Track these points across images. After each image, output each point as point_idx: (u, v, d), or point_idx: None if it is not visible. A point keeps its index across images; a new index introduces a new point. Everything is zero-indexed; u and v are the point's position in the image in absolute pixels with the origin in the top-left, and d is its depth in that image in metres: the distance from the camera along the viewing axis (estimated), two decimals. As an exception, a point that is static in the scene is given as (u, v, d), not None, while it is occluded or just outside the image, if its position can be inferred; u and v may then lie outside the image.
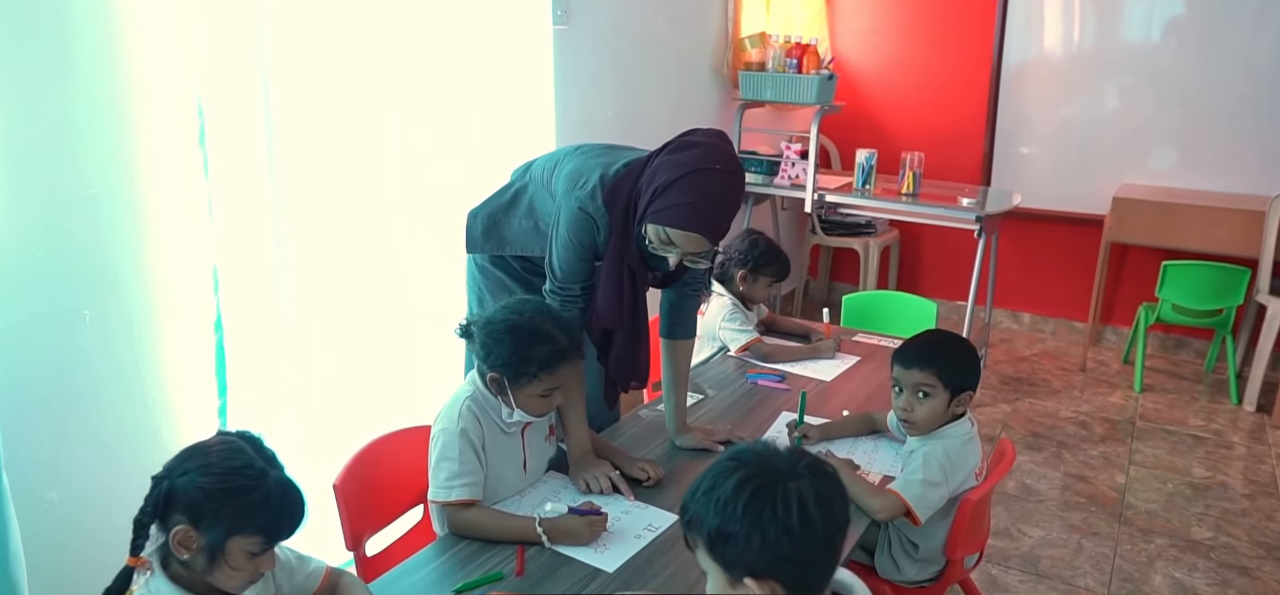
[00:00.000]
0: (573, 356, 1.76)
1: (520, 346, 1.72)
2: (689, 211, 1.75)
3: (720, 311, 2.80)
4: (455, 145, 2.57)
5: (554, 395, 1.79)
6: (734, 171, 1.82)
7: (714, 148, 1.81)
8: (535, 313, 1.76)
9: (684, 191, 1.75)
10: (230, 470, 1.25)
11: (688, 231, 1.76)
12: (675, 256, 1.81)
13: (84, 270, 1.79)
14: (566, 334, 1.76)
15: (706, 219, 1.76)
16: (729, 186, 1.80)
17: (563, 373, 1.75)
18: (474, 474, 1.76)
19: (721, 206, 1.78)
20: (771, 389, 2.52)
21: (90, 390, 1.83)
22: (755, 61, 4.22)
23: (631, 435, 2.20)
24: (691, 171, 1.76)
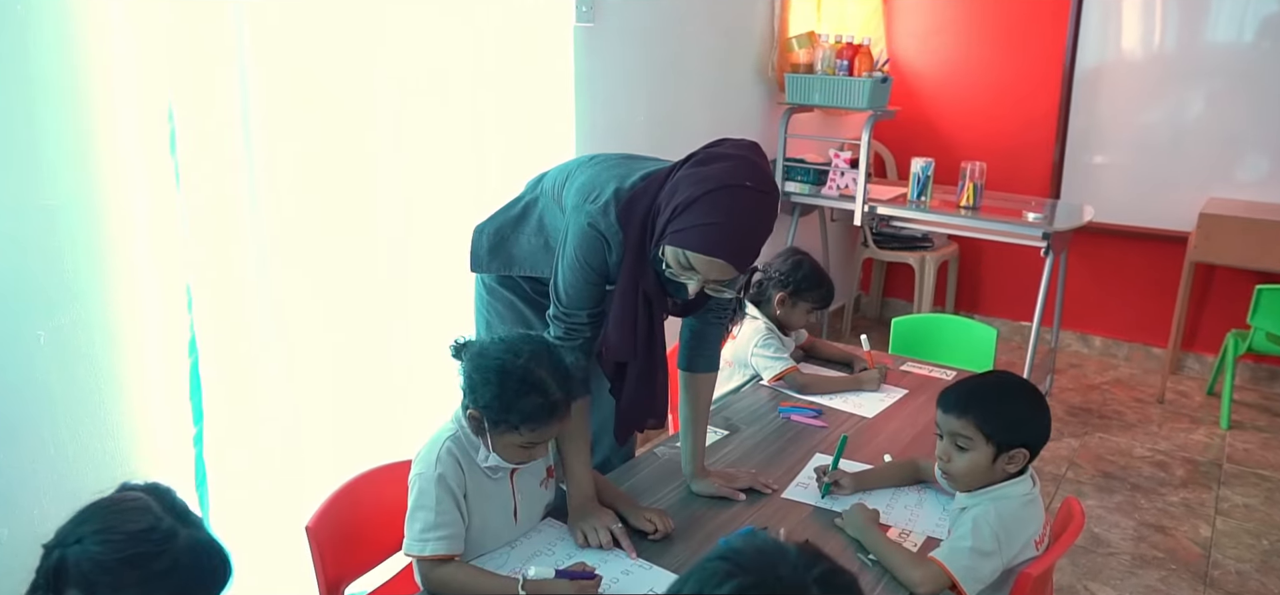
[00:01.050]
0: (564, 413, 1.55)
1: (505, 392, 1.51)
2: (712, 234, 1.53)
3: (753, 336, 2.55)
4: (459, 154, 2.38)
5: (536, 449, 1.59)
6: (767, 190, 1.59)
7: (744, 161, 1.58)
8: (533, 355, 1.54)
9: (708, 211, 1.53)
10: (130, 536, 1.07)
11: (710, 257, 1.54)
12: (696, 283, 1.58)
13: (39, 287, 1.64)
14: (564, 387, 1.55)
15: (732, 244, 1.53)
16: (760, 207, 1.57)
17: (551, 429, 1.55)
18: (452, 526, 1.57)
19: (750, 230, 1.56)
20: (806, 425, 2.27)
21: (46, 419, 1.68)
22: (803, 63, 3.96)
23: (644, 477, 1.98)
24: (717, 188, 1.53)
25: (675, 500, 1.88)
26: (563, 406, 1.54)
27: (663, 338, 1.76)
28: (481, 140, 2.44)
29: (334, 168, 2.08)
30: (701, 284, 1.58)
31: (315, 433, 2.12)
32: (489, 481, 1.64)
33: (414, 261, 2.30)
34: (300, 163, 2.00)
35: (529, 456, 1.60)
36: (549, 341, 1.62)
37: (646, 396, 1.79)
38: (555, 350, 1.59)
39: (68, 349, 1.70)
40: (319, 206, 2.06)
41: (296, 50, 1.94)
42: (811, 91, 3.90)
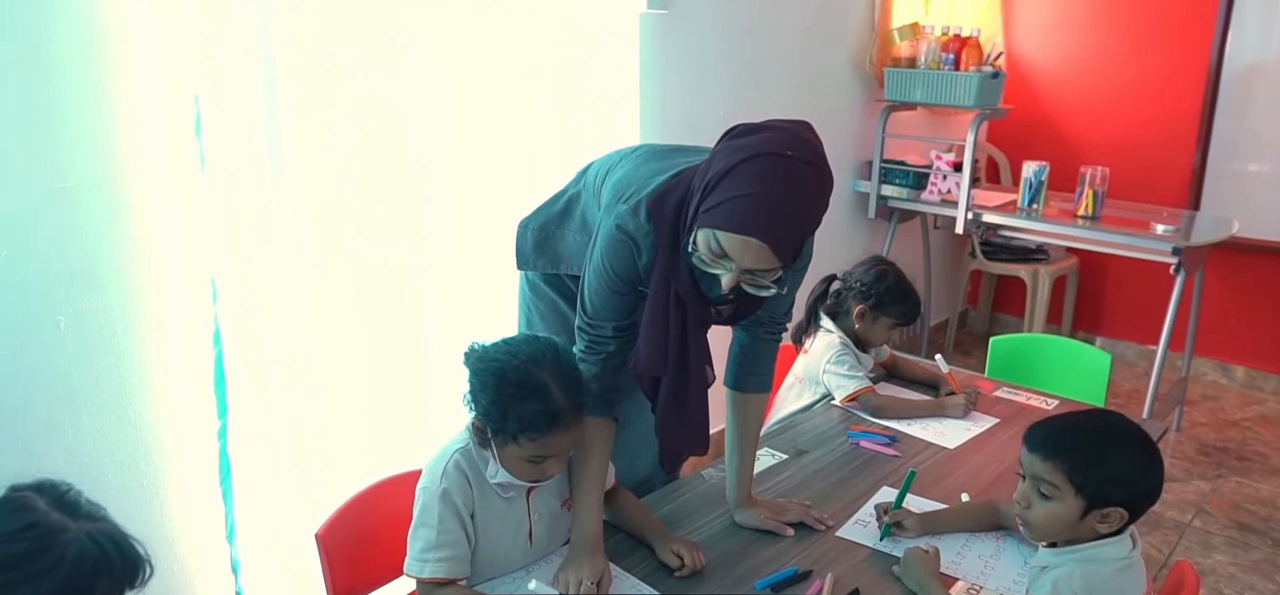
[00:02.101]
0: (569, 422, 1.39)
1: (503, 396, 1.37)
2: (743, 208, 1.30)
3: (827, 351, 2.32)
4: (508, 148, 2.25)
5: (548, 463, 1.43)
6: (812, 161, 1.34)
7: (787, 132, 1.36)
8: (536, 356, 1.40)
9: (739, 182, 1.31)
10: (5, 536, 0.99)
11: (741, 236, 1.31)
12: (729, 276, 1.36)
13: (58, 271, 1.61)
14: (569, 394, 1.39)
15: (766, 219, 1.30)
16: (803, 181, 1.33)
17: (556, 440, 1.39)
18: (455, 546, 1.43)
19: (790, 205, 1.31)
20: (877, 453, 2.03)
21: (66, 408, 1.65)
22: (905, 57, 3.67)
23: (687, 501, 1.80)
24: (751, 157, 1.31)
25: (716, 531, 1.70)
26: (568, 415, 1.38)
27: (702, 351, 1.57)
28: (533, 134, 2.31)
29: (370, 158, 1.98)
30: (736, 276, 1.36)
31: (345, 431, 2.04)
32: (500, 500, 1.50)
33: (457, 258, 2.19)
34: (333, 152, 1.91)
35: (540, 473, 1.44)
36: (557, 344, 1.46)
37: (680, 418, 1.59)
38: (563, 354, 1.44)
39: (89, 335, 1.66)
40: (353, 198, 1.97)
41: (331, 34, 1.86)
42: (913, 87, 3.61)
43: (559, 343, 1.47)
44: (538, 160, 2.29)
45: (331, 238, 1.95)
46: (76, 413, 1.66)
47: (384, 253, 2.04)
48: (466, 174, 2.17)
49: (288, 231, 1.86)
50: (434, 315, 2.17)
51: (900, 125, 3.86)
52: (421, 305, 2.15)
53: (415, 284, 2.12)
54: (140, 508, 1.78)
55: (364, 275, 2.02)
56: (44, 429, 1.63)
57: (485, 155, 2.20)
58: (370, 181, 1.99)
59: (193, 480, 1.84)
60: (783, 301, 1.65)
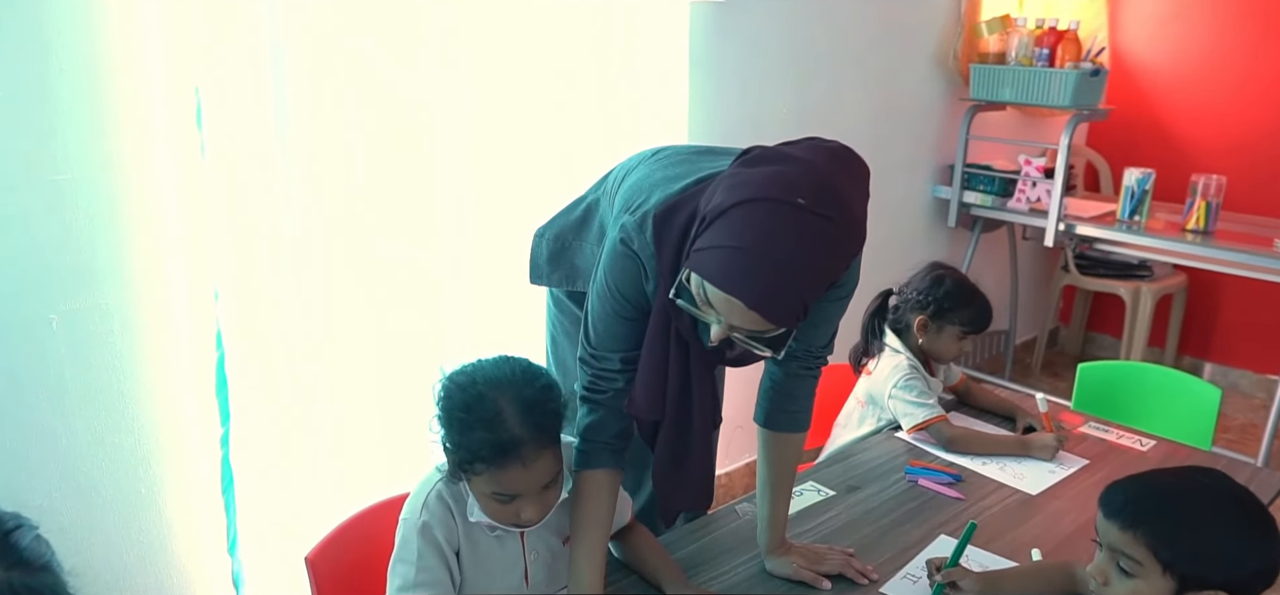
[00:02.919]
0: (526, 457, 1.20)
1: (452, 423, 1.22)
2: (731, 264, 1.10)
3: (894, 374, 2.09)
4: (537, 144, 2.09)
5: (519, 504, 1.25)
6: (830, 214, 1.10)
7: (807, 169, 1.12)
8: (497, 379, 1.23)
9: (730, 230, 1.11)
10: None
11: (726, 294, 1.11)
12: (717, 327, 1.17)
13: (51, 267, 1.53)
14: (528, 422, 1.20)
15: (756, 281, 1.08)
16: (816, 238, 1.10)
17: (512, 476, 1.21)
18: (435, 585, 1.29)
19: (789, 269, 1.08)
20: (937, 494, 1.80)
21: (56, 408, 1.57)
22: (993, 52, 3.37)
23: (715, 539, 1.61)
24: (752, 201, 1.10)
25: (741, 577, 1.50)
26: (524, 447, 1.19)
27: (707, 396, 1.36)
28: (565, 132, 2.14)
29: (385, 154, 1.86)
30: (725, 330, 1.16)
31: (353, 443, 1.92)
32: (489, 537, 1.34)
33: (478, 265, 2.05)
34: (345, 146, 1.80)
35: (513, 516, 1.27)
36: (530, 367, 1.28)
37: (678, 473, 1.39)
38: (534, 380, 1.25)
39: (83, 334, 1.58)
40: (366, 196, 1.85)
41: (345, 19, 1.74)
42: (1001, 85, 3.31)
43: (535, 366, 1.29)
44: (571, 161, 2.13)
45: (341, 237, 1.83)
46: (69, 415, 1.59)
47: (398, 256, 1.91)
48: (490, 174, 2.02)
49: (294, 229, 1.76)
50: (451, 323, 2.03)
51: (987, 127, 3.55)
52: (438, 312, 2.01)
53: (431, 289, 1.99)
54: (140, 516, 1.70)
55: (376, 278, 1.90)
56: (36, 431, 1.56)
57: (512, 154, 2.05)
58: (385, 179, 1.86)
59: (195, 489, 1.75)
60: (818, 332, 1.44)
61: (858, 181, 1.18)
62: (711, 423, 1.38)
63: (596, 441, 1.36)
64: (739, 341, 1.19)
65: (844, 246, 1.13)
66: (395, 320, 1.94)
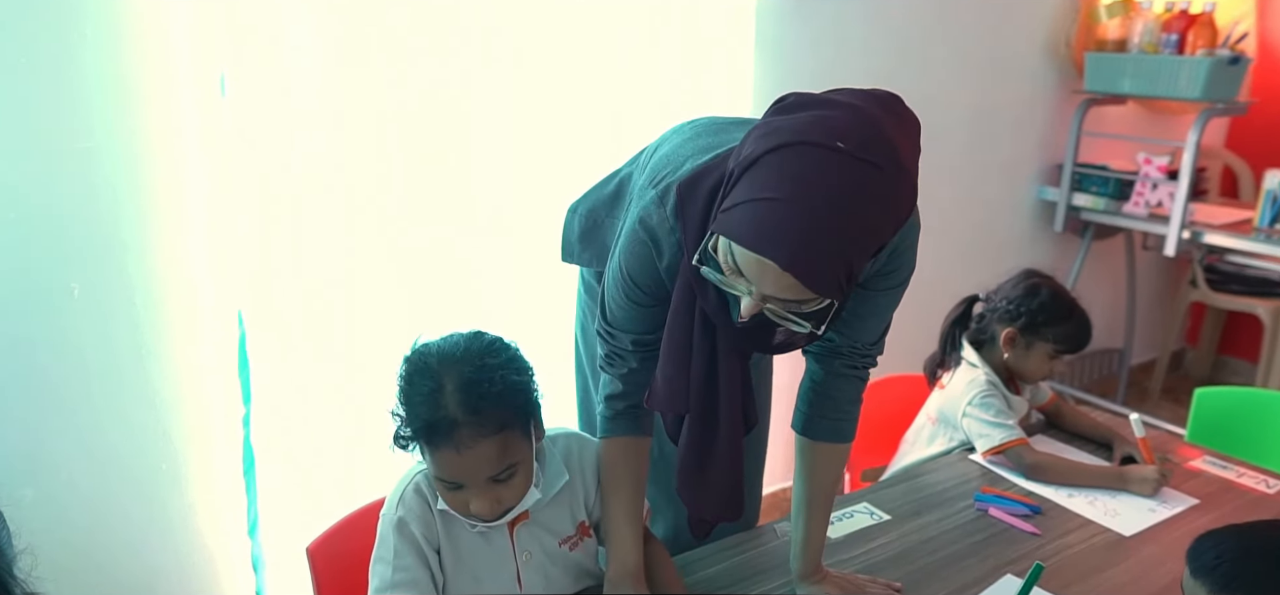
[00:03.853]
0: (461, 442, 1.08)
1: (401, 395, 1.13)
2: (761, 218, 0.94)
3: (969, 390, 1.87)
4: (584, 131, 1.96)
5: (466, 496, 1.13)
6: (875, 160, 0.94)
7: (849, 114, 0.96)
8: (449, 352, 1.12)
9: (763, 181, 0.95)
10: None
11: (756, 255, 0.96)
12: (748, 300, 1.01)
13: (74, 236, 1.51)
14: (468, 403, 1.08)
15: (792, 237, 0.92)
16: (859, 187, 0.94)
17: (447, 460, 1.10)
18: (414, 586, 1.18)
19: (829, 220, 0.93)
20: (1009, 526, 1.58)
21: (78, 379, 1.55)
22: (1113, 39, 3.04)
23: (743, 561, 1.45)
24: (784, 145, 0.95)
25: (769, 607, 1.34)
26: (457, 430, 1.07)
27: (737, 387, 1.20)
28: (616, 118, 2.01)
29: (417, 129, 1.77)
30: (757, 302, 1.00)
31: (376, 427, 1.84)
32: (471, 534, 1.22)
33: (514, 249, 1.94)
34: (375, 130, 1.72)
35: (461, 506, 1.15)
36: (493, 345, 1.15)
37: (704, 475, 1.24)
38: (486, 358, 1.12)
39: (104, 305, 1.56)
40: (396, 174, 1.77)
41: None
42: (1120, 75, 2.98)
43: (501, 346, 1.16)
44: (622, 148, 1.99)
45: (367, 219, 1.76)
46: (90, 387, 1.57)
47: (431, 236, 1.83)
48: (530, 158, 1.91)
49: (318, 211, 1.69)
50: (483, 306, 1.93)
51: (1102, 122, 3.22)
52: (470, 295, 1.92)
53: (462, 272, 1.89)
54: (161, 493, 1.67)
55: (403, 260, 1.82)
56: (57, 401, 1.55)
57: (560, 141, 1.93)
58: (416, 161, 1.78)
59: (216, 469, 1.72)
60: (865, 326, 1.26)
61: (908, 131, 1.01)
62: (744, 421, 1.22)
63: (616, 408, 1.26)
64: (773, 315, 1.02)
65: (892, 200, 0.96)
66: (423, 304, 1.86)
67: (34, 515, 1.55)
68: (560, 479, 1.26)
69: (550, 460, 1.25)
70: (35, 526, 1.53)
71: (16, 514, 1.54)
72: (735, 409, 1.19)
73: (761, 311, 1.02)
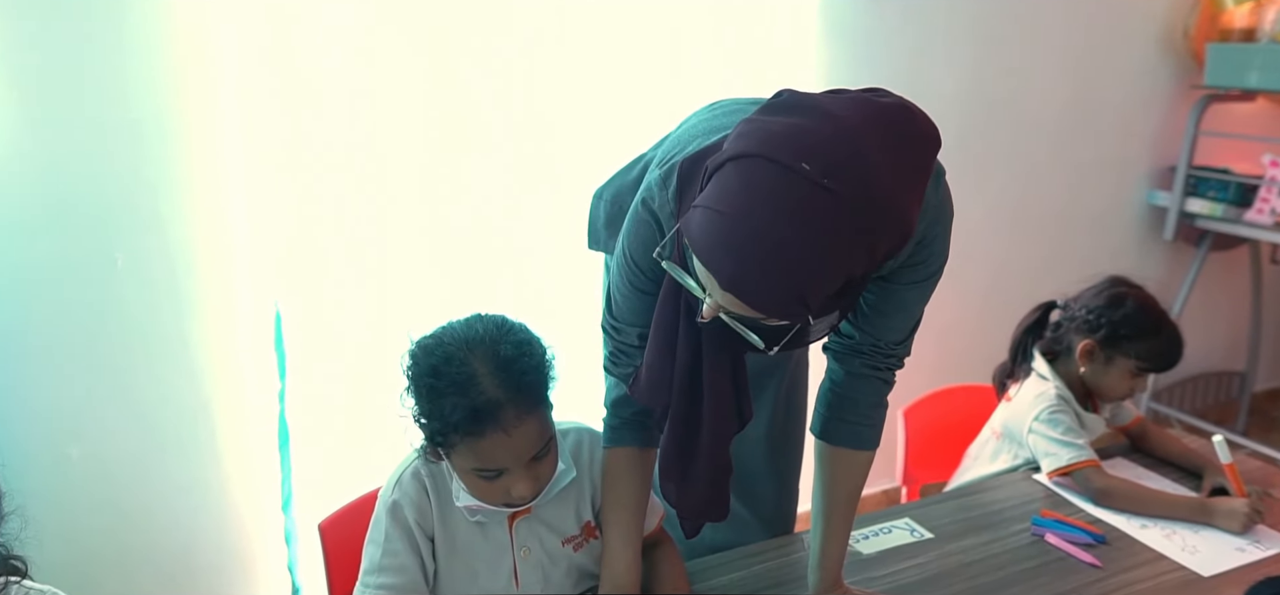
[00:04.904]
0: (507, 422, 1.04)
1: (420, 389, 1.08)
2: (709, 228, 0.88)
3: (1036, 404, 1.71)
4: (629, 119, 1.89)
5: (509, 482, 1.09)
6: (837, 189, 0.84)
7: (827, 128, 0.86)
8: (470, 338, 1.08)
9: (720, 189, 0.89)
10: None
11: (705, 267, 0.90)
12: (708, 303, 0.94)
13: (118, 207, 1.56)
14: (507, 383, 1.05)
15: (732, 255, 0.86)
16: (816, 215, 0.84)
17: (494, 446, 1.05)
18: (401, 572, 1.16)
19: (774, 246, 0.84)
20: (1066, 557, 1.43)
21: (121, 346, 1.61)
22: (1239, 27, 2.76)
23: (768, 568, 1.37)
24: (747, 157, 0.87)
25: (780, 622, 1.25)
26: (503, 412, 1.04)
27: (728, 384, 1.11)
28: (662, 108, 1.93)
29: (453, 122, 1.76)
30: (713, 306, 0.93)
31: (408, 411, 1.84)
32: (469, 526, 1.18)
33: (551, 233, 1.89)
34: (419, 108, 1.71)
35: (502, 495, 1.11)
36: (505, 322, 1.12)
37: (685, 470, 1.15)
38: (509, 335, 1.09)
39: (148, 277, 1.61)
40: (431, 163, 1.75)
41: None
42: (1247, 68, 2.70)
43: (511, 321, 1.12)
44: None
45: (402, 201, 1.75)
46: (132, 354, 1.62)
47: (462, 222, 1.80)
48: (572, 145, 1.85)
49: (354, 189, 1.70)
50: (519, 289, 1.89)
51: (1224, 120, 2.92)
52: (504, 280, 1.88)
53: (494, 260, 1.86)
54: (199, 461, 1.71)
55: (438, 243, 1.80)
56: (99, 368, 1.61)
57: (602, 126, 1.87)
58: (450, 142, 1.76)
59: (252, 441, 1.75)
60: (889, 323, 1.15)
61: (905, 154, 0.89)
62: (731, 419, 1.13)
63: (621, 416, 1.21)
64: (731, 323, 0.95)
65: (854, 230, 0.85)
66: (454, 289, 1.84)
67: (80, 472, 1.62)
68: (567, 475, 1.21)
69: (560, 453, 1.20)
70: (79, 483, 1.61)
71: (61, 470, 1.62)
72: (721, 405, 1.11)
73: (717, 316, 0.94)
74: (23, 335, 1.55)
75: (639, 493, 1.21)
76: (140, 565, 1.69)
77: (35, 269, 1.53)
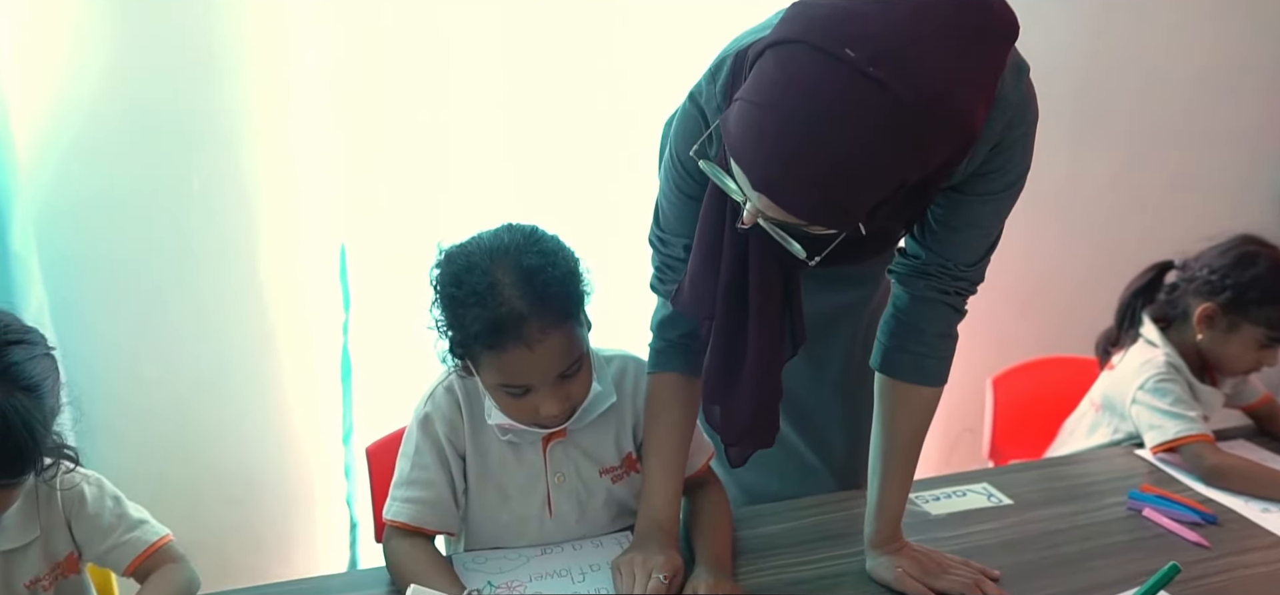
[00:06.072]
0: (529, 333, 0.99)
1: (448, 301, 1.03)
2: (743, 122, 0.81)
3: (1141, 372, 1.55)
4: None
5: (535, 399, 1.04)
6: (886, 81, 0.74)
7: (881, 11, 0.77)
8: (495, 247, 1.03)
9: (758, 80, 0.81)
10: None
11: (739, 166, 0.83)
12: (749, 208, 0.86)
13: (195, 129, 1.59)
14: (530, 292, 0.99)
15: (764, 152, 0.79)
16: (856, 110, 0.75)
17: (517, 359, 1.00)
18: (429, 487, 1.12)
19: (809, 141, 0.77)
20: (1166, 533, 1.27)
21: (193, 268, 1.64)
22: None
23: (824, 521, 1.28)
24: (787, 43, 0.79)
25: (823, 573, 1.16)
26: (525, 324, 0.98)
27: (779, 298, 1.02)
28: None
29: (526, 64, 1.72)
30: (754, 211, 0.85)
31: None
32: (501, 444, 1.14)
33: (613, 176, 1.81)
34: (482, 50, 1.68)
35: (530, 412, 1.05)
36: (535, 233, 1.06)
37: (730, 389, 1.06)
38: (537, 245, 1.04)
39: (221, 202, 1.63)
40: (502, 105, 1.72)
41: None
42: None
43: (542, 232, 1.07)
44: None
45: (472, 136, 1.72)
46: (206, 278, 1.65)
47: (540, 151, 1.75)
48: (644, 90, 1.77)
49: (421, 128, 1.68)
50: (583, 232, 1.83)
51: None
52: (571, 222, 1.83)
53: (567, 200, 1.80)
54: (264, 385, 1.74)
55: (507, 177, 1.76)
56: (175, 290, 1.64)
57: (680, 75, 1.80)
58: (527, 78, 1.72)
59: (317, 372, 1.76)
60: (959, 240, 1.03)
61: (966, 44, 0.78)
62: (779, 339, 1.04)
63: (667, 338, 1.14)
64: (770, 230, 0.87)
65: (903, 129, 0.76)
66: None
67: (156, 393, 1.67)
68: (607, 400, 1.15)
69: (600, 378, 1.14)
70: (158, 399, 1.66)
71: (138, 390, 1.66)
72: (768, 324, 1.02)
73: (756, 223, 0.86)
74: (108, 252, 1.60)
75: (683, 423, 1.14)
76: (209, 490, 1.73)
77: (121, 187, 1.58)
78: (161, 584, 1.02)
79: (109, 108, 1.54)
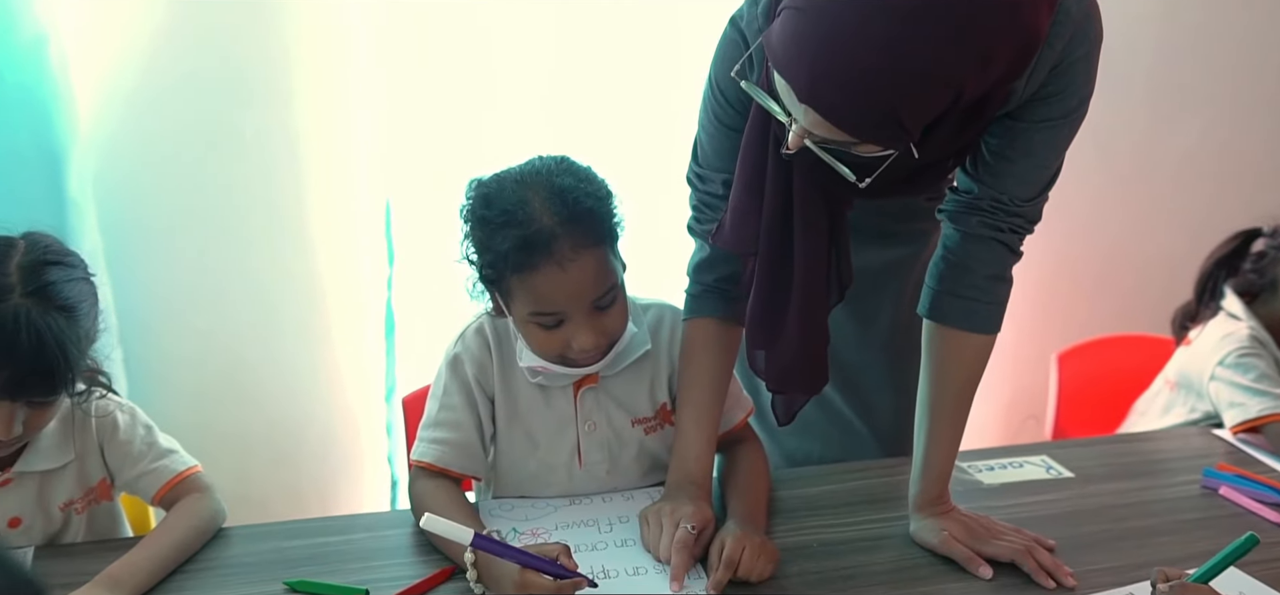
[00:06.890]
0: (560, 252, 0.96)
1: (478, 225, 1.01)
2: (786, 31, 0.77)
3: (1221, 346, 1.45)
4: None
5: (570, 331, 1.01)
6: None
7: None
8: (526, 173, 1.01)
9: None
10: None
11: (784, 78, 0.78)
12: (794, 131, 0.81)
13: (249, 81, 1.60)
14: (561, 211, 0.97)
15: (807, 58, 0.75)
16: (904, 10, 0.72)
17: (547, 280, 0.97)
18: (456, 429, 1.10)
19: (854, 43, 0.73)
20: (1243, 513, 1.17)
21: (238, 218, 1.65)
22: None
23: (867, 485, 1.22)
24: None
25: (862, 536, 1.09)
26: (556, 242, 0.96)
27: (826, 235, 0.96)
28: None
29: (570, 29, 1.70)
30: (800, 133, 0.80)
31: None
32: (532, 389, 1.11)
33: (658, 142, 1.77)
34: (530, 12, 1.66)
35: (561, 346, 1.02)
36: (566, 160, 1.04)
37: (774, 333, 1.01)
38: (569, 171, 1.01)
39: (271, 152, 1.64)
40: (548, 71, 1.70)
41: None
42: None
43: (573, 161, 1.04)
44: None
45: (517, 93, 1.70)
46: (254, 228, 1.67)
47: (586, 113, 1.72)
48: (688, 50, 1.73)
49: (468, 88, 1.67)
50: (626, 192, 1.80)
51: None
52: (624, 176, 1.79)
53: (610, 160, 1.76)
54: (312, 345, 1.74)
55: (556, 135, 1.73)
56: (225, 239, 1.66)
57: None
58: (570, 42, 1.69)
59: (362, 327, 1.76)
60: (1014, 172, 0.96)
61: None
62: (825, 280, 0.99)
63: (703, 282, 1.10)
64: (818, 152, 0.82)
65: (961, 29, 0.71)
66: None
67: (205, 344, 1.69)
68: (642, 345, 1.11)
69: (636, 322, 1.11)
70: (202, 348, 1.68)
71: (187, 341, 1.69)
72: (814, 262, 0.96)
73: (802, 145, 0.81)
74: (161, 202, 1.62)
75: (719, 372, 1.09)
76: (257, 443, 1.74)
77: (175, 139, 1.60)
78: (185, 512, 1.03)
79: (165, 60, 1.55)
